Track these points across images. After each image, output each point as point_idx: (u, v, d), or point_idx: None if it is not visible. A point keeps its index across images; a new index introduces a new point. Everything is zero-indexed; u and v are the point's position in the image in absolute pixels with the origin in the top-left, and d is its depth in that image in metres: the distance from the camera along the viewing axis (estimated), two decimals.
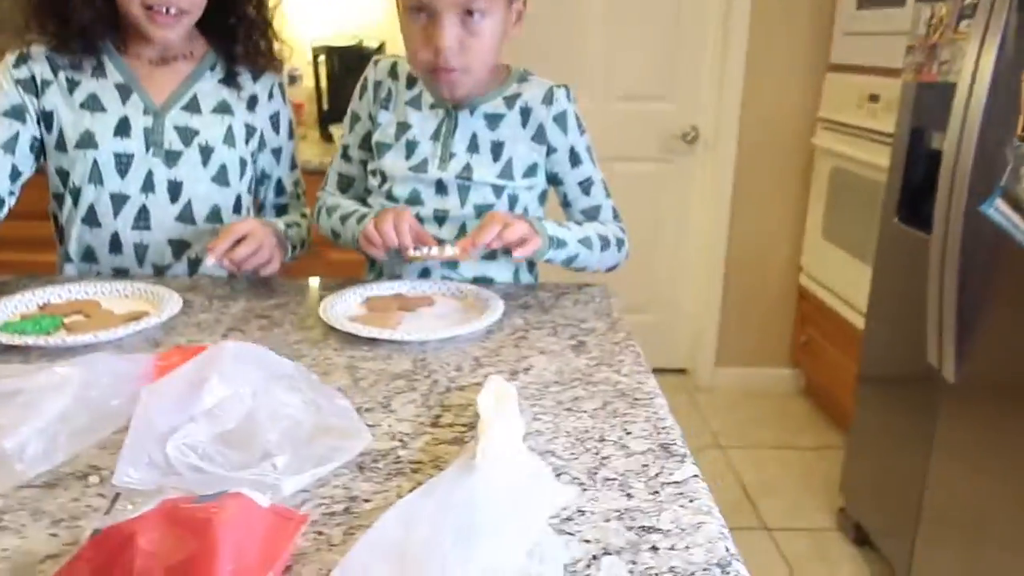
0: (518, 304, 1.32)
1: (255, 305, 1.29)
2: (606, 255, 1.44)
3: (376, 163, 1.46)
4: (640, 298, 3.38)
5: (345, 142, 1.53)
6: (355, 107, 1.50)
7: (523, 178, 1.43)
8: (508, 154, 1.42)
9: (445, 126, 1.42)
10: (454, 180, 1.41)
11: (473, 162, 1.41)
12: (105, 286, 1.30)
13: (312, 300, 1.32)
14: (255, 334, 1.17)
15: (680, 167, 3.30)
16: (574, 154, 1.45)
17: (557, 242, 1.34)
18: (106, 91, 1.44)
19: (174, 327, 1.19)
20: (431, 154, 1.42)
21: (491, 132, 1.42)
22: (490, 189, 1.41)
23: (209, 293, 1.34)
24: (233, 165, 1.51)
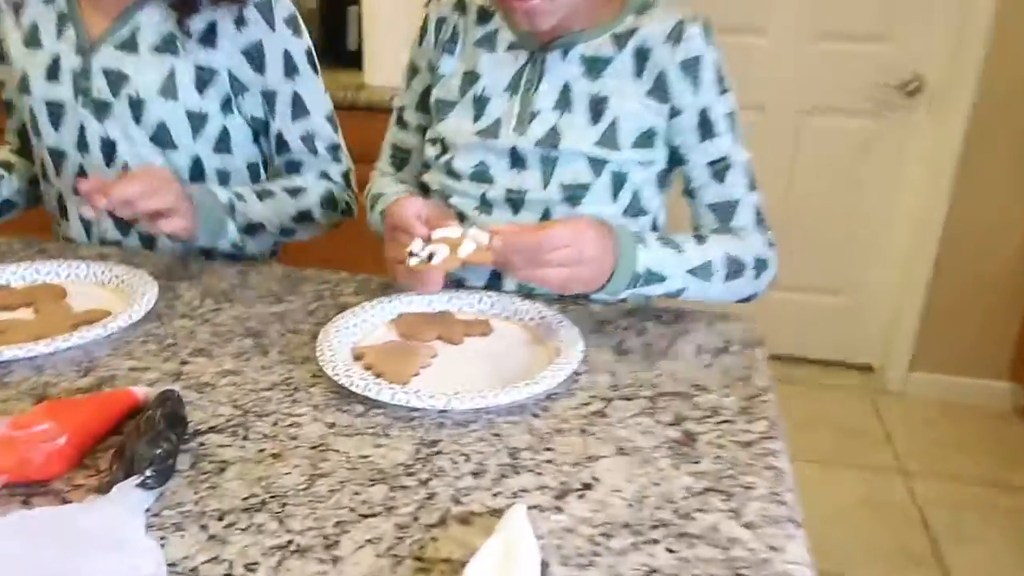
0: (610, 345, 0.90)
1: (253, 312, 0.95)
2: (735, 285, 0.98)
3: (435, 127, 1.07)
4: (826, 277, 2.81)
5: (401, 103, 1.15)
6: (413, 55, 1.11)
7: (633, 148, 0.99)
8: (613, 113, 0.98)
9: (527, 74, 1.01)
10: (534, 149, 0.99)
11: (563, 124, 0.99)
12: (82, 268, 1.01)
13: (329, 310, 0.96)
14: (223, 363, 0.83)
15: (894, 124, 2.64)
16: (706, 121, 0.99)
17: (647, 277, 0.90)
18: (47, 21, 1.12)
19: (126, 343, 0.87)
20: (506, 113, 1.01)
21: (591, 82, 0.99)
22: (585, 162, 0.99)
23: (206, 287, 1.02)
24: (177, 122, 1.12)
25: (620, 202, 1.02)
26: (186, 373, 0.81)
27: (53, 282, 0.99)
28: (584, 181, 0.99)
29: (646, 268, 0.89)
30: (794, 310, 2.86)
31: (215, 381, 0.80)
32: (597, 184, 1.00)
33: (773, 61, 2.57)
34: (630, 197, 1.02)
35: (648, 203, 1.05)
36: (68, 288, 0.98)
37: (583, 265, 0.84)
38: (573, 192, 0.99)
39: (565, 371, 0.79)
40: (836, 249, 2.75)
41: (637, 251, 0.89)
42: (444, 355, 0.86)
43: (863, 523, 2.54)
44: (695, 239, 0.96)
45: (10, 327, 0.88)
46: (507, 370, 0.83)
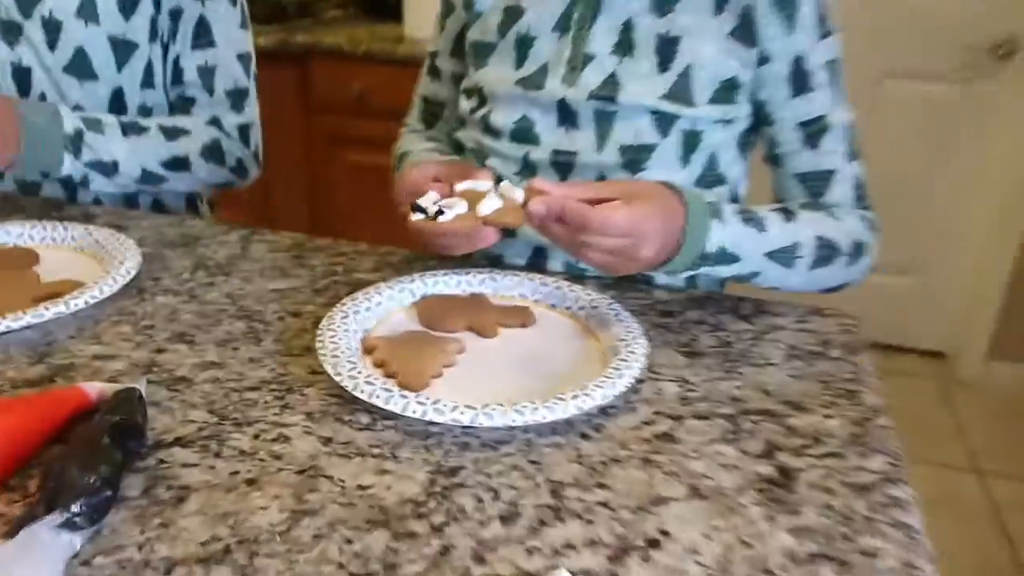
0: (679, 344, 0.73)
1: (250, 288, 0.80)
2: (822, 273, 0.81)
3: (471, 75, 0.89)
4: (899, 254, 2.58)
5: (433, 48, 0.98)
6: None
7: (710, 103, 0.81)
8: (686, 59, 0.80)
9: (579, 9, 0.83)
10: (587, 102, 0.82)
11: (623, 71, 0.81)
12: (59, 231, 0.87)
13: (340, 288, 0.81)
14: (205, 353, 0.68)
15: (982, 91, 2.38)
16: (801, 71, 0.80)
17: (717, 256, 0.73)
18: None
19: (95, 323, 0.73)
20: (554, 57, 0.84)
21: (658, 19, 0.80)
22: (649, 119, 0.81)
23: (200, 257, 0.87)
24: (98, 48, 0.97)
25: (692, 168, 0.84)
26: (159, 364, 0.67)
27: (26, 245, 0.86)
28: (648, 142, 0.81)
29: (719, 247, 0.72)
30: (856, 289, 2.64)
31: (193, 375, 0.65)
32: (664, 146, 0.82)
33: (844, 18, 2.33)
34: (704, 162, 0.84)
35: (727, 170, 0.86)
36: (42, 253, 0.84)
37: (636, 262, 0.68)
38: (634, 155, 0.82)
39: (624, 378, 0.63)
40: (907, 225, 2.52)
41: (710, 226, 0.71)
42: (473, 351, 0.70)
43: (932, 526, 2.34)
44: (782, 214, 0.78)
45: None
46: (551, 373, 0.67)
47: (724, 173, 0.86)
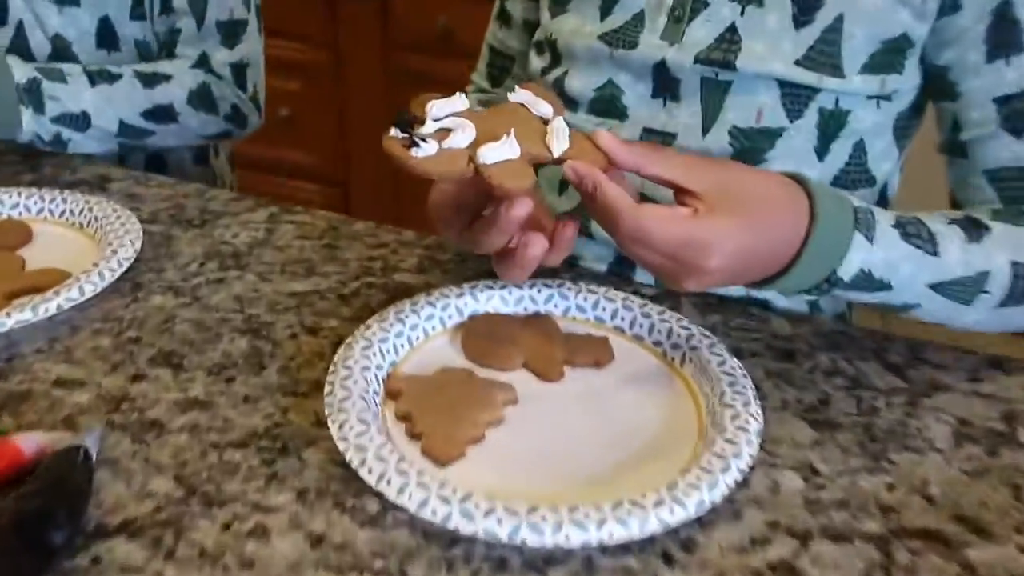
0: (804, 409, 0.54)
1: (265, 289, 0.65)
2: (1014, 313, 0.58)
3: (544, 25, 0.70)
4: None
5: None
6: None
7: (865, 72, 0.60)
8: (836, 8, 0.59)
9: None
10: (694, 68, 0.62)
11: (745, 25, 0.61)
12: (57, 202, 0.74)
13: (373, 296, 0.65)
14: (191, 385, 0.54)
15: None
16: (1006, 22, 0.58)
17: (856, 281, 0.53)
18: None
19: (71, 329, 0.59)
20: (652, 4, 0.64)
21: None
22: (776, 92, 0.61)
23: (214, 242, 0.72)
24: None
25: (831, 162, 0.64)
26: (132, 398, 0.53)
27: (20, 218, 0.73)
28: (773, 125, 0.62)
29: (860, 270, 0.52)
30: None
31: (169, 419, 0.51)
32: (794, 131, 0.62)
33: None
34: (848, 154, 0.64)
35: (876, 164, 0.65)
36: (37, 228, 0.72)
37: (696, 280, 0.49)
38: (751, 142, 0.62)
39: (730, 472, 0.45)
40: None
41: (851, 243, 0.51)
42: (529, 400, 0.53)
43: None
44: (965, 230, 0.56)
45: None
46: (627, 439, 0.50)
47: (872, 169, 0.65)
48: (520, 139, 0.49)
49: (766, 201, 0.50)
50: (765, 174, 0.52)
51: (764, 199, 0.50)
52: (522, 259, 0.53)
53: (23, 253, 0.69)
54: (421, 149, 0.47)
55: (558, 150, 0.50)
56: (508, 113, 0.53)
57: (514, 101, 0.53)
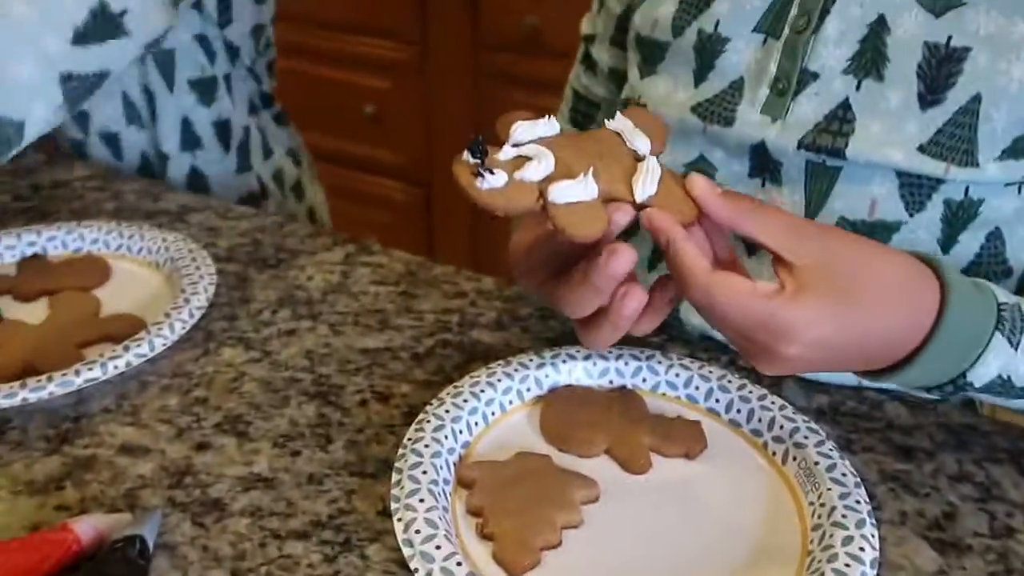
0: (926, 525, 0.47)
1: (336, 345, 0.62)
2: None
3: (632, 83, 0.64)
4: None
5: (588, 29, 0.72)
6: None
7: (1003, 159, 0.51)
8: (974, 86, 0.50)
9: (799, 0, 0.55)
10: (799, 153, 0.55)
11: (861, 101, 0.53)
12: (135, 239, 0.72)
13: (449, 358, 0.61)
14: (256, 457, 0.51)
15: None
16: None
17: (991, 387, 0.46)
18: None
19: (141, 384, 0.58)
20: (753, 72, 0.56)
21: (933, 19, 0.51)
22: (894, 180, 0.53)
23: (289, 286, 0.70)
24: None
25: (958, 252, 0.55)
26: (196, 470, 0.51)
27: (98, 254, 0.72)
28: (889, 218, 0.54)
29: (1000, 376, 0.45)
30: None
31: (231, 499, 0.49)
32: (914, 224, 0.54)
33: None
34: (980, 244, 0.55)
35: (1016, 254, 0.56)
36: (114, 265, 0.71)
37: (789, 362, 0.43)
38: (864, 234, 0.52)
39: None
40: None
41: (990, 345, 0.44)
42: (610, 498, 0.49)
43: None
44: None
45: (11, 336, 0.61)
46: (719, 555, 0.45)
47: (1010, 259, 0.56)
48: (603, 177, 0.43)
49: (882, 286, 0.43)
50: (887, 252, 0.45)
51: (880, 284, 0.43)
52: (617, 316, 0.45)
53: (99, 293, 0.68)
54: (486, 180, 0.42)
55: (642, 194, 0.44)
56: (598, 144, 0.46)
57: (610, 129, 0.47)
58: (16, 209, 0.81)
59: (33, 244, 0.72)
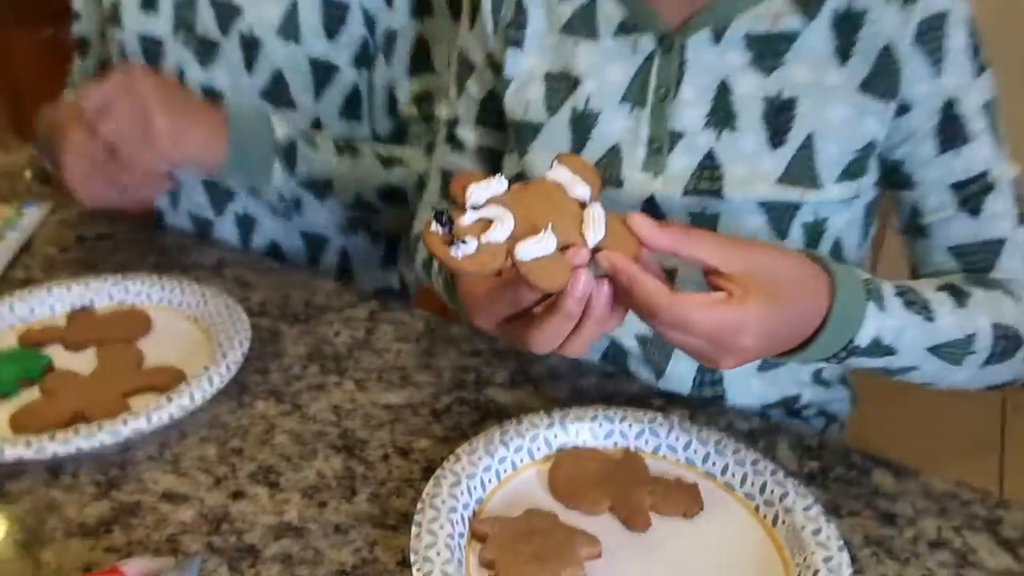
0: None
1: (362, 400, 0.67)
2: (995, 370, 0.62)
3: (514, 160, 0.71)
4: None
5: (449, 113, 0.78)
6: (463, 42, 0.75)
7: (841, 181, 0.63)
8: (807, 127, 0.61)
9: (657, 72, 0.64)
10: (683, 200, 0.64)
11: (723, 149, 0.62)
12: (175, 293, 0.78)
13: (465, 414, 0.65)
14: (286, 506, 0.56)
15: None
16: (952, 119, 0.62)
17: (869, 348, 0.56)
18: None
19: (181, 435, 0.63)
20: (628, 138, 0.65)
21: (764, 77, 0.62)
22: (763, 215, 0.63)
23: (318, 341, 0.75)
24: (298, 71, 0.87)
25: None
26: (232, 518, 0.55)
27: (141, 306, 0.78)
28: None
29: (873, 338, 0.55)
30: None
31: (263, 544, 0.53)
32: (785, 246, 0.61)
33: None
34: (828, 252, 0.67)
35: (851, 253, 0.69)
36: (155, 317, 0.76)
37: (732, 357, 0.50)
38: None
39: None
40: None
41: (866, 313, 0.54)
42: (612, 554, 0.53)
43: None
44: (952, 296, 0.60)
45: (63, 385, 0.67)
46: None
47: (848, 259, 0.69)
48: (557, 227, 0.48)
49: (792, 282, 0.51)
50: (789, 255, 0.52)
51: (791, 280, 0.51)
52: (591, 314, 0.48)
53: (142, 344, 0.73)
54: (460, 248, 0.46)
55: (594, 239, 0.48)
56: (546, 196, 0.50)
57: (551, 179, 0.51)
58: (63, 260, 0.87)
59: (81, 297, 0.78)
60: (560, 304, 0.48)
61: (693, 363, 0.70)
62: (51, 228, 0.93)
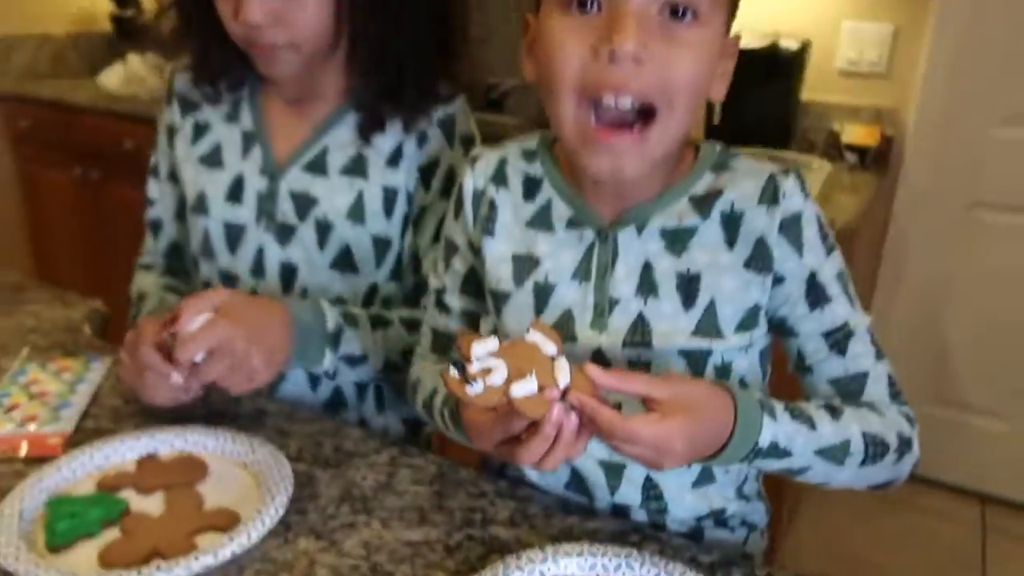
0: None
1: (385, 537, 0.80)
2: (871, 471, 0.82)
3: (492, 320, 0.90)
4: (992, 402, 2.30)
5: (438, 284, 0.97)
6: (449, 231, 0.95)
7: (738, 332, 0.83)
8: (709, 293, 0.82)
9: (597, 256, 0.84)
10: (623, 351, 0.82)
11: (649, 312, 0.82)
12: (228, 442, 0.92)
13: (472, 548, 0.79)
14: None
15: None
16: (816, 285, 0.84)
17: (769, 451, 0.76)
18: (231, 142, 1.09)
19: (238, 569, 0.76)
20: (578, 304, 0.84)
21: (676, 259, 0.82)
22: (683, 363, 0.82)
23: (348, 484, 0.89)
24: (362, 246, 1.06)
25: None
26: None
27: (198, 455, 0.92)
28: None
29: (770, 442, 0.76)
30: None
31: None
32: None
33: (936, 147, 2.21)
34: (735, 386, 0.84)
35: (752, 389, 0.86)
36: (211, 465, 0.90)
37: (670, 460, 0.71)
38: None
39: None
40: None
41: (763, 423, 0.75)
42: None
43: None
44: (828, 411, 0.81)
45: (139, 526, 0.80)
46: None
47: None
48: (537, 374, 0.68)
49: (705, 402, 0.73)
50: (702, 384, 0.75)
51: (704, 401, 0.73)
52: (562, 436, 0.69)
53: (201, 488, 0.87)
54: (472, 388, 0.67)
55: (563, 383, 0.69)
56: (528, 351, 0.71)
57: (530, 340, 0.71)
58: (127, 411, 1.01)
59: (148, 445, 0.92)
60: (540, 429, 0.68)
61: (639, 486, 0.87)
62: (113, 380, 1.08)
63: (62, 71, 3.13)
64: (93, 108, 2.71)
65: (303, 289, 1.08)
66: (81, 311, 1.28)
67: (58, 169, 2.87)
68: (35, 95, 2.84)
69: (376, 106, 1.02)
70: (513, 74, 2.68)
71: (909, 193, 2.29)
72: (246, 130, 1.09)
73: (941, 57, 2.14)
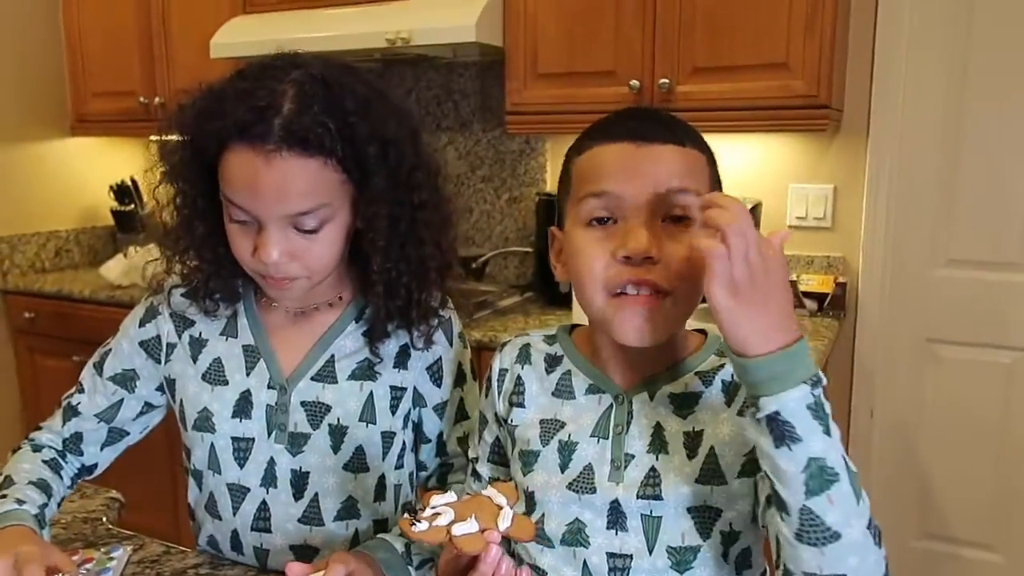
0: None
1: None
2: (858, 510, 0.75)
3: (519, 479, 0.99)
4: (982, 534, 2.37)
5: (474, 453, 1.10)
6: (482, 406, 1.09)
7: (739, 477, 0.91)
8: (707, 445, 0.92)
9: (614, 417, 0.95)
10: (637, 503, 0.91)
11: (660, 465, 0.92)
12: None
13: None
14: None
15: None
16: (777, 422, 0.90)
17: (820, 402, 0.74)
18: (232, 357, 1.12)
19: None
20: (597, 459, 0.94)
21: (683, 420, 0.94)
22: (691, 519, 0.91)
23: None
24: (372, 444, 1.12)
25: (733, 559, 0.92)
26: None
27: None
28: (692, 543, 0.90)
29: (823, 388, 0.76)
30: None
31: None
32: (707, 547, 0.90)
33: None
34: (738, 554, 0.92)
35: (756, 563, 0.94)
36: None
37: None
38: (682, 555, 0.90)
39: None
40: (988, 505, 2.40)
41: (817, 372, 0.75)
42: None
43: None
44: None
45: None
46: None
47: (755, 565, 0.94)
48: (480, 519, 0.79)
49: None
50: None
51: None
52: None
53: None
54: (417, 527, 0.78)
55: (503, 527, 0.79)
56: (478, 501, 0.82)
57: (485, 495, 0.83)
58: None
59: None
60: (478, 566, 0.78)
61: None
62: (133, 567, 1.14)
63: (66, 263, 3.30)
64: (93, 299, 2.84)
65: (314, 495, 1.11)
66: (96, 501, 1.34)
67: (58, 357, 2.95)
68: (39, 289, 2.98)
69: (384, 324, 1.09)
70: (491, 245, 2.88)
71: (869, 333, 2.43)
72: (246, 344, 1.12)
73: (878, 210, 2.36)
